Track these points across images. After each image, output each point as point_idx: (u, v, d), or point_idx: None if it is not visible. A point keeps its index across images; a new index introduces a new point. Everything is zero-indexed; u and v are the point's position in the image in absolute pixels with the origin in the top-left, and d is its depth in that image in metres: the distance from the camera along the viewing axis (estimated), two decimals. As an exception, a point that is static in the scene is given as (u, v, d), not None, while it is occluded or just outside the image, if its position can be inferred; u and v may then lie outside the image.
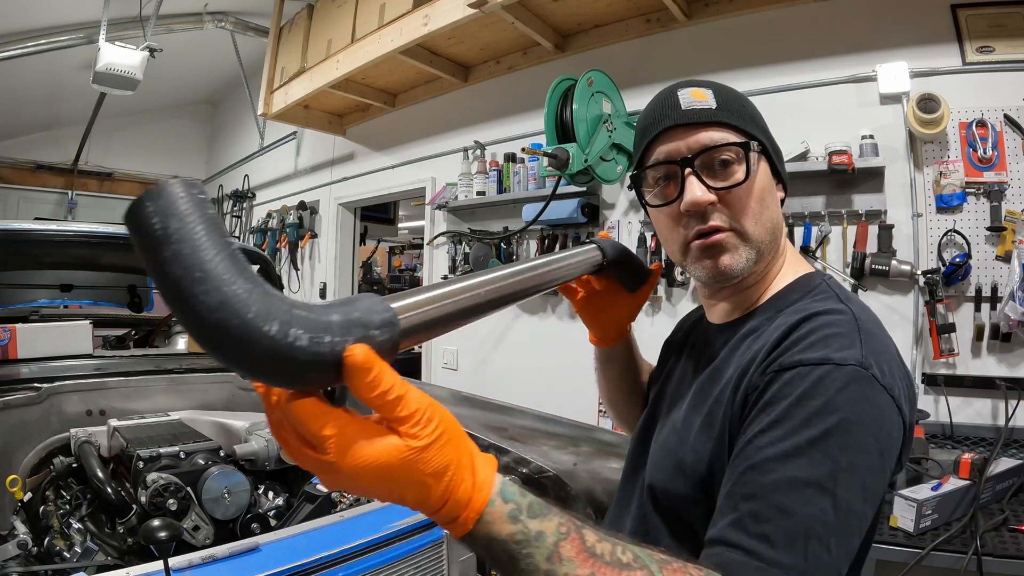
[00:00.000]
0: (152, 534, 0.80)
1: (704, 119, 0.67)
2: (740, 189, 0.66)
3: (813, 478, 0.52)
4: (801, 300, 0.66)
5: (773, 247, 0.69)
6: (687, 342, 0.82)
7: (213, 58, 4.79)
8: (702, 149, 0.66)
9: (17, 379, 1.48)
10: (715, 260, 0.67)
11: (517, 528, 0.44)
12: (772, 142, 0.71)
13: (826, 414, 0.53)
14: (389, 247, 7.80)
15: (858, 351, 0.57)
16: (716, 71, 2.32)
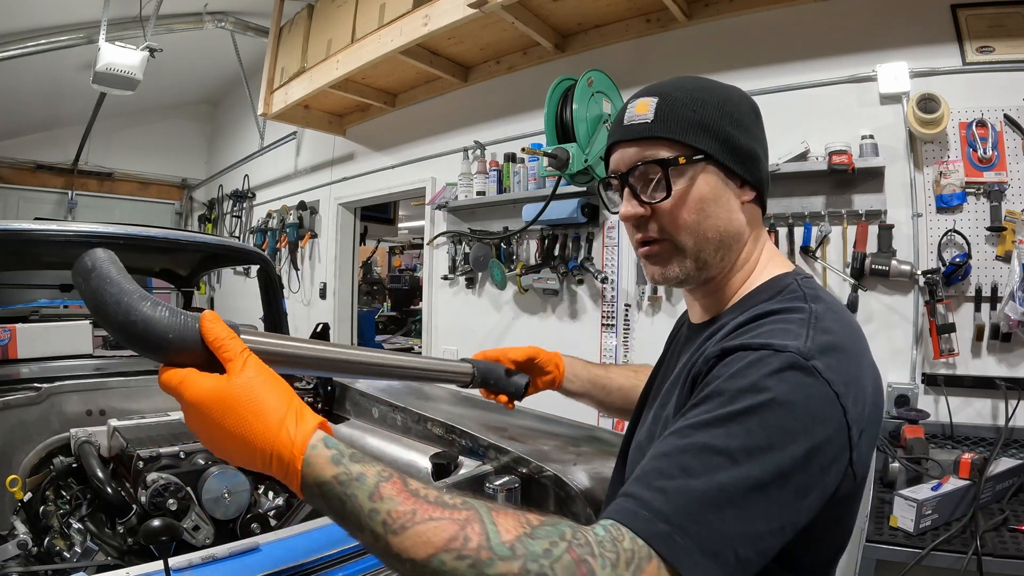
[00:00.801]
0: (152, 534, 0.80)
1: (638, 135, 0.69)
2: (668, 203, 0.67)
3: (726, 447, 0.51)
4: (770, 300, 0.66)
5: (723, 254, 0.69)
6: (674, 341, 0.85)
7: (213, 58, 4.79)
8: (631, 166, 0.69)
9: (17, 379, 1.48)
10: (651, 268, 0.72)
11: (340, 470, 0.48)
12: (731, 146, 0.68)
13: (754, 392, 0.53)
14: (389, 247, 7.80)
15: (802, 342, 0.56)
16: (716, 71, 2.32)
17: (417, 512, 0.46)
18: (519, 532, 0.47)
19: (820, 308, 0.62)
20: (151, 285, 3.57)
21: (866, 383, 0.59)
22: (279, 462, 0.49)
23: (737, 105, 0.70)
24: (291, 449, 0.49)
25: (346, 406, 1.71)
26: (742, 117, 0.70)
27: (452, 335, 3.28)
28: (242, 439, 0.50)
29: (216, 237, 4.05)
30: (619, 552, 0.47)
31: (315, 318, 3.28)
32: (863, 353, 0.61)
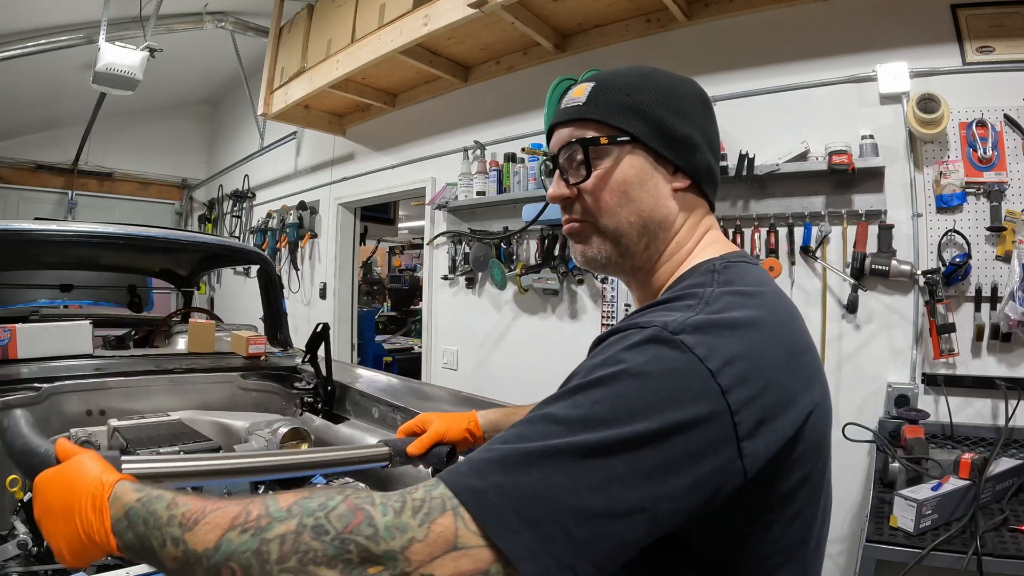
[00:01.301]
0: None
1: (569, 117, 0.69)
2: (589, 184, 0.67)
3: (564, 417, 0.47)
4: (679, 288, 0.62)
5: (647, 241, 0.68)
6: None
7: (213, 58, 4.79)
8: (559, 148, 0.70)
9: (17, 379, 1.48)
10: (575, 247, 0.73)
11: (143, 494, 0.53)
12: (662, 130, 0.66)
13: (606, 365, 0.49)
14: (389, 247, 7.80)
15: (676, 319, 0.51)
16: (716, 71, 2.32)
17: (207, 507, 0.49)
18: (298, 497, 0.47)
19: (720, 291, 0.57)
20: (151, 285, 3.57)
21: (776, 367, 0.52)
22: (92, 501, 0.55)
23: (680, 94, 0.69)
24: (101, 488, 0.55)
25: (346, 406, 1.71)
26: (683, 105, 0.68)
27: (452, 335, 3.28)
28: (66, 489, 0.58)
29: (216, 237, 4.06)
30: (405, 500, 0.45)
31: (315, 318, 3.28)
32: (778, 336, 0.55)
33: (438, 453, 0.93)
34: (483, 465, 0.46)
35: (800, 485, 0.55)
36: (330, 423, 1.65)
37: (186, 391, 1.72)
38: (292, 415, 1.81)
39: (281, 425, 1.42)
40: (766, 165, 2.10)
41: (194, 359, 1.88)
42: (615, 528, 0.44)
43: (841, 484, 2.04)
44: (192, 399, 1.72)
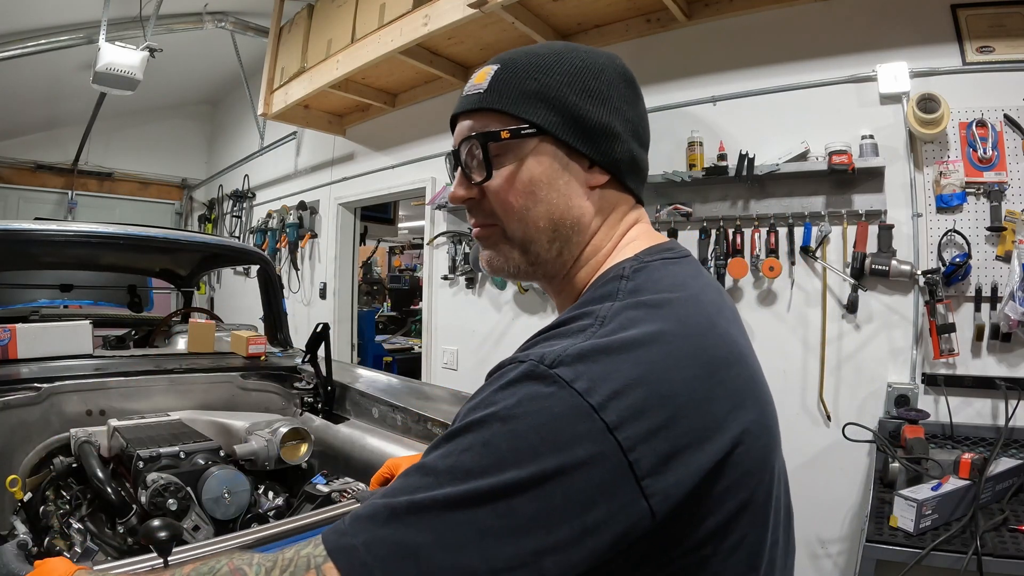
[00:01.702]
0: (152, 534, 0.80)
1: (470, 106, 0.61)
2: (492, 184, 0.59)
3: (434, 468, 0.44)
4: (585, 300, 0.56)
5: (559, 247, 0.60)
6: None
7: (213, 58, 4.79)
8: (459, 143, 0.62)
9: (17, 379, 1.48)
10: (483, 254, 0.64)
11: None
12: (575, 119, 0.59)
13: (478, 408, 0.46)
14: (389, 247, 7.80)
15: (555, 349, 0.46)
16: (716, 71, 2.32)
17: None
18: (194, 565, 0.49)
19: (621, 304, 0.51)
20: (151, 285, 3.57)
21: (688, 389, 0.46)
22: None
23: (597, 74, 0.60)
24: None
25: (346, 406, 1.71)
26: (600, 87, 0.60)
27: (452, 335, 3.28)
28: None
29: (216, 237, 4.06)
30: (277, 560, 0.45)
31: (315, 318, 3.28)
32: (689, 352, 0.48)
33: None
34: (358, 521, 0.44)
35: (739, 511, 0.48)
36: (330, 423, 1.66)
37: (186, 391, 1.72)
38: (292, 415, 1.81)
39: (281, 425, 1.42)
40: (766, 165, 2.10)
41: (194, 359, 1.88)
42: (459, 563, 0.40)
43: (841, 484, 2.04)
44: (192, 399, 1.72)
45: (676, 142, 2.33)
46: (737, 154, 2.15)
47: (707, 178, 2.21)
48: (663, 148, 2.38)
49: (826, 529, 2.03)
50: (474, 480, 0.42)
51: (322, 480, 1.25)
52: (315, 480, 1.26)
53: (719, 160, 2.20)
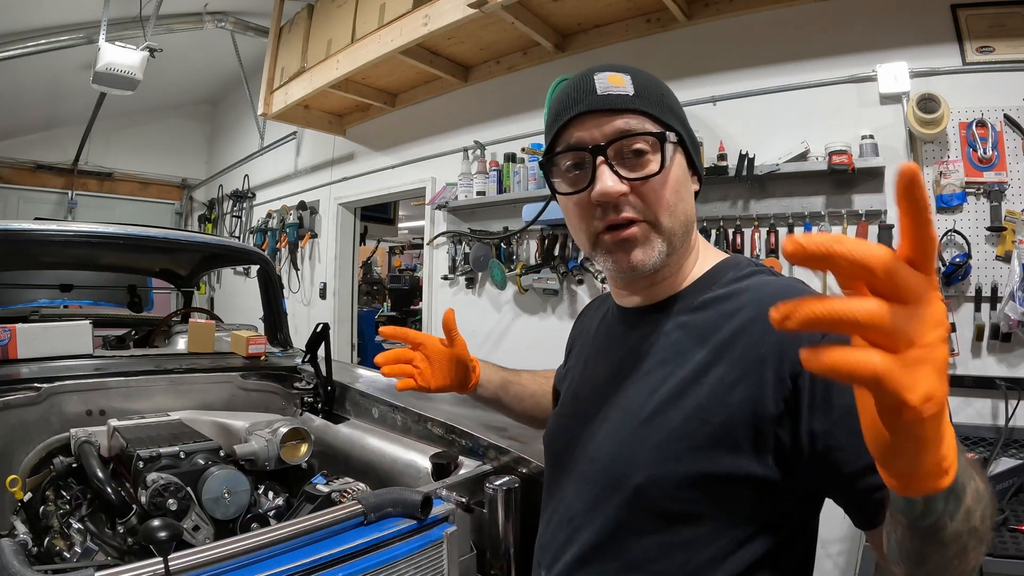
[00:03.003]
0: (152, 534, 0.80)
1: (620, 105, 0.64)
2: (655, 180, 0.64)
3: None
4: (738, 277, 0.67)
5: (686, 240, 0.68)
6: (602, 332, 0.80)
7: (213, 58, 4.79)
8: (616, 136, 0.63)
9: (17, 379, 1.48)
10: (628, 254, 0.65)
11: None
12: (690, 133, 0.70)
13: None
14: (389, 247, 7.80)
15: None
16: (716, 71, 2.32)
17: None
18: None
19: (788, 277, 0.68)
20: (151, 285, 3.57)
21: None
22: None
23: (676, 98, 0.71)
24: None
25: (346, 406, 1.71)
26: (682, 109, 0.71)
27: (452, 335, 3.28)
28: None
29: (216, 237, 4.06)
30: None
31: (315, 318, 3.28)
32: None
33: (412, 503, 0.91)
34: None
35: None
36: (330, 423, 1.65)
37: (186, 391, 1.72)
38: (292, 415, 1.81)
39: (281, 425, 1.42)
40: (766, 165, 2.10)
41: (194, 359, 1.88)
42: None
43: (841, 484, 2.04)
44: (192, 399, 1.72)
45: (676, 142, 2.33)
46: (737, 154, 2.15)
47: (707, 178, 2.20)
48: (663, 148, 2.39)
49: (826, 529, 2.02)
50: None
51: (322, 480, 1.25)
52: (315, 480, 1.26)
53: (719, 160, 2.20)
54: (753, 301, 0.62)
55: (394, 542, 0.89)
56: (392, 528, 0.90)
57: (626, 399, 0.68)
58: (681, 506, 0.61)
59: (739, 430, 0.58)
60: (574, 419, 0.75)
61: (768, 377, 0.58)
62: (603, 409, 0.71)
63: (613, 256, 0.66)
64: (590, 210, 0.66)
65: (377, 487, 1.13)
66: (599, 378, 0.75)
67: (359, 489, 1.20)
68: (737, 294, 0.65)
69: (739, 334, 0.61)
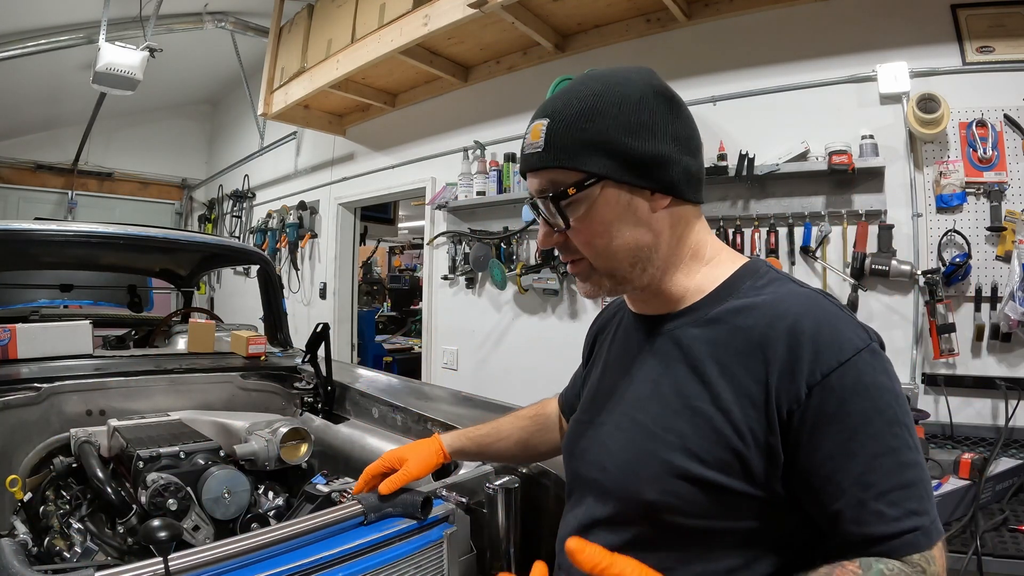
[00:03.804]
0: (152, 534, 0.80)
1: (534, 165, 0.68)
2: (572, 233, 0.68)
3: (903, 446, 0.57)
4: (756, 287, 0.67)
5: (641, 267, 0.68)
6: (620, 337, 0.81)
7: (213, 58, 4.79)
8: (535, 196, 0.69)
9: (17, 379, 1.48)
10: (579, 285, 0.73)
11: None
12: (629, 160, 0.65)
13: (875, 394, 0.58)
14: (389, 247, 7.80)
15: (858, 328, 0.61)
16: (716, 71, 2.32)
17: None
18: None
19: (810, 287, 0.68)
20: (151, 285, 3.57)
21: None
22: None
23: (636, 105, 0.65)
24: None
25: (346, 406, 1.71)
26: (644, 118, 0.65)
27: (452, 335, 3.28)
28: None
29: (216, 237, 4.06)
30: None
31: (315, 318, 3.28)
32: None
33: (412, 503, 0.91)
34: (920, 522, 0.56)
35: None
36: (330, 423, 1.65)
37: (186, 391, 1.72)
38: (292, 415, 1.81)
39: (281, 425, 1.42)
40: (766, 165, 2.10)
41: (194, 359, 1.88)
42: None
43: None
44: (192, 399, 1.72)
45: (676, 142, 2.33)
46: (737, 154, 2.15)
47: (707, 178, 2.19)
48: (663, 148, 2.39)
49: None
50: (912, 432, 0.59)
51: (322, 480, 1.25)
52: (315, 480, 1.26)
53: (719, 160, 2.20)
54: (766, 319, 0.62)
55: (394, 542, 0.89)
56: (392, 528, 0.90)
57: (638, 410, 0.69)
58: (694, 522, 0.62)
59: (747, 449, 0.60)
60: (590, 426, 0.77)
61: (774, 400, 0.59)
62: (616, 417, 0.72)
63: (576, 285, 0.75)
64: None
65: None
66: (614, 385, 0.76)
67: (359, 489, 1.20)
68: (752, 309, 0.64)
69: (750, 353, 0.62)
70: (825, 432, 0.57)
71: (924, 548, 0.55)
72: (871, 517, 0.56)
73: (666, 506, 0.63)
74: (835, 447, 0.57)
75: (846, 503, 0.56)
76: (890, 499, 0.55)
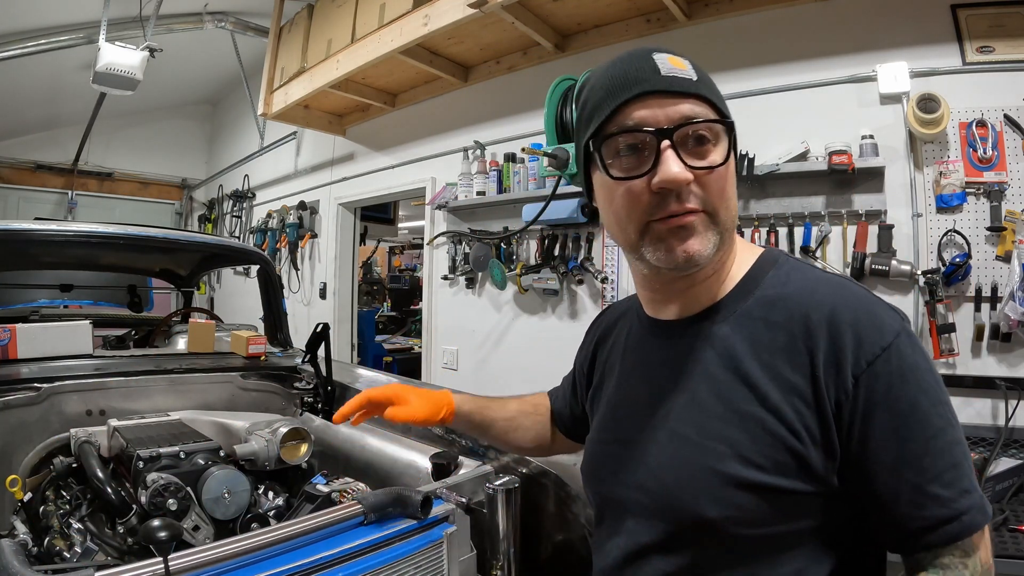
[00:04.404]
0: (152, 534, 0.80)
1: (685, 89, 0.61)
2: (719, 170, 0.60)
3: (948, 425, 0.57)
4: (780, 279, 0.65)
5: (732, 235, 0.66)
6: (635, 346, 0.76)
7: (213, 58, 4.79)
8: (683, 121, 0.59)
9: (17, 379, 1.48)
10: (683, 243, 0.60)
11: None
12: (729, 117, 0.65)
13: (918, 376, 0.58)
14: (389, 247, 7.80)
15: (889, 310, 0.63)
16: (716, 71, 2.30)
17: None
18: None
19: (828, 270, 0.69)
20: (151, 285, 3.57)
21: None
22: None
23: None
24: None
25: (346, 406, 1.71)
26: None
27: (452, 335, 3.28)
28: None
29: (216, 237, 4.06)
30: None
31: (315, 318, 3.28)
32: None
33: (412, 503, 0.91)
34: (972, 500, 0.56)
35: None
36: (330, 423, 1.65)
37: (186, 391, 1.72)
38: (292, 415, 1.81)
39: (281, 425, 1.42)
40: (766, 165, 2.10)
41: (194, 359, 1.88)
42: None
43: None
44: (192, 399, 1.72)
45: (676, 142, 2.34)
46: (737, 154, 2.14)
47: (707, 178, 2.21)
48: (663, 148, 2.39)
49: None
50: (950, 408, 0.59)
51: (322, 480, 1.25)
52: (315, 480, 1.26)
53: (719, 160, 2.20)
54: (802, 310, 0.60)
55: (394, 542, 0.89)
56: (392, 528, 0.90)
57: (677, 422, 0.64)
58: (757, 531, 0.59)
59: (805, 447, 0.58)
60: (617, 445, 0.71)
61: (824, 393, 0.58)
62: (650, 432, 0.67)
63: (666, 245, 0.61)
64: (643, 198, 0.60)
65: (377, 487, 1.13)
66: (639, 398, 0.70)
67: (359, 489, 1.20)
68: (784, 301, 0.62)
69: (791, 348, 0.60)
70: (875, 420, 0.56)
71: (981, 526, 0.55)
72: (929, 501, 0.55)
73: (727, 519, 0.59)
74: (887, 434, 0.56)
75: (903, 489, 0.55)
76: (944, 480, 0.55)
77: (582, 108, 0.67)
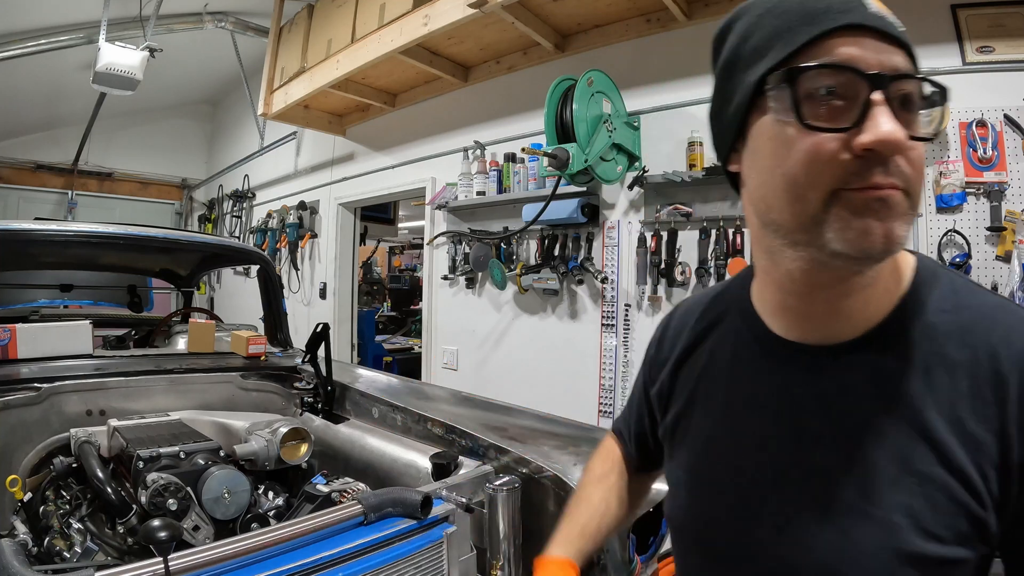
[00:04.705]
0: (152, 534, 0.80)
1: (899, 35, 0.49)
2: (922, 148, 0.47)
3: None
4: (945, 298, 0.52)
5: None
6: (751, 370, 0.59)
7: (213, 58, 4.79)
8: (902, 74, 0.47)
9: (17, 379, 1.48)
10: (884, 223, 0.45)
11: None
12: None
13: None
14: (389, 247, 7.80)
15: None
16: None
17: None
18: None
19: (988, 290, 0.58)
20: (151, 285, 3.57)
21: None
22: None
23: None
24: None
25: (346, 406, 1.71)
26: None
27: (452, 335, 3.28)
28: None
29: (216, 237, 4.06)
30: None
31: (315, 318, 3.28)
32: None
33: (412, 503, 0.91)
34: None
35: None
36: (330, 423, 1.66)
37: (186, 391, 1.72)
38: (292, 415, 1.81)
39: (281, 425, 1.42)
40: (766, 165, 2.09)
41: (194, 359, 1.88)
42: None
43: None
44: (192, 399, 1.72)
45: (676, 142, 2.33)
46: (737, 154, 2.14)
47: (707, 178, 2.21)
48: (663, 148, 2.38)
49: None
50: None
51: (322, 480, 1.25)
52: (315, 480, 1.26)
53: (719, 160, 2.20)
54: (988, 348, 0.49)
55: (394, 542, 0.89)
56: (392, 528, 0.90)
57: (832, 482, 0.51)
58: None
59: (987, 513, 0.48)
60: (739, 501, 0.57)
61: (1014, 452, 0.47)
62: (791, 491, 0.53)
63: (862, 221, 0.45)
64: (839, 158, 0.45)
65: (377, 487, 1.13)
66: (767, 443, 0.56)
67: (359, 489, 1.20)
68: (961, 333, 0.50)
69: (977, 395, 0.48)
70: None
71: None
72: None
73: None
74: None
75: None
76: None
77: (743, 39, 0.54)
